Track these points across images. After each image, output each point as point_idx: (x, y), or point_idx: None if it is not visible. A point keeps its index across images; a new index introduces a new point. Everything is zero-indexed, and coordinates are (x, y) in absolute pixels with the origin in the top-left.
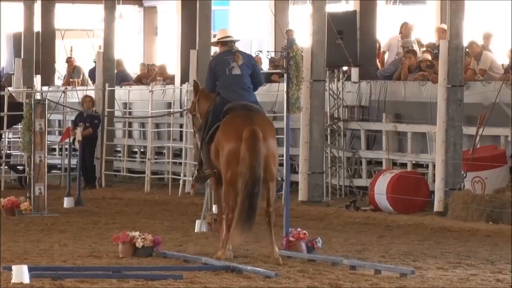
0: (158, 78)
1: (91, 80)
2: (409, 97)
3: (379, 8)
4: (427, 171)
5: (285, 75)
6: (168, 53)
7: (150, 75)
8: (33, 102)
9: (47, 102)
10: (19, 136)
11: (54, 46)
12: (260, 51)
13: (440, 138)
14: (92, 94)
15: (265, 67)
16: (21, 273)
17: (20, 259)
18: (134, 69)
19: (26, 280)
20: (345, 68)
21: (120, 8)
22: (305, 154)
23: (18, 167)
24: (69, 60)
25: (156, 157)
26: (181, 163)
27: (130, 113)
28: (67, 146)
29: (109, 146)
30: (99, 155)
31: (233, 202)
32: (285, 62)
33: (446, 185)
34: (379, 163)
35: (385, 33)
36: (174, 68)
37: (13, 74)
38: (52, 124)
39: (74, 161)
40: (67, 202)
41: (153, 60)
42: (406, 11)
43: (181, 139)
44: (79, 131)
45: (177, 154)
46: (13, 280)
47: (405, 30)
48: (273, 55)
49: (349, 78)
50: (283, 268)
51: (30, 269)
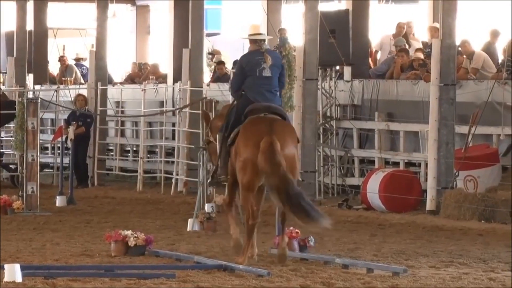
0: (150, 77)
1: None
2: (401, 96)
3: (371, 7)
4: (419, 170)
5: None
6: (160, 52)
7: (142, 74)
8: (25, 100)
9: (39, 101)
10: (11, 134)
11: (46, 45)
12: None
13: (432, 137)
14: (84, 92)
15: None
16: (13, 272)
17: (12, 258)
18: (127, 68)
19: (19, 279)
20: (337, 67)
21: (112, 7)
22: (298, 153)
23: (11, 165)
24: (61, 59)
25: (148, 156)
26: (173, 162)
27: (122, 112)
28: (59, 145)
29: (101, 145)
30: (91, 154)
31: (251, 208)
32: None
33: (438, 184)
34: (372, 162)
35: (377, 32)
36: (166, 67)
37: (5, 72)
38: (44, 123)
39: (66, 159)
40: (59, 201)
41: (145, 59)
42: (398, 10)
43: (173, 138)
44: (71, 130)
45: (170, 153)
46: (6, 279)
47: (406, 29)
48: None
49: (341, 77)
50: (276, 267)
51: (22, 268)
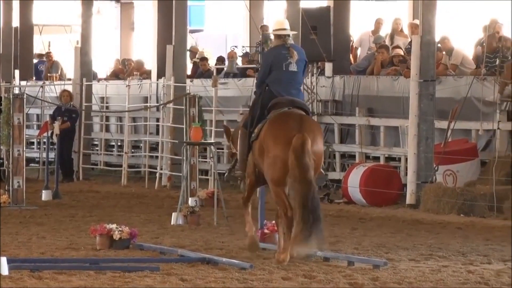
0: (135, 72)
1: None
2: (382, 92)
3: (352, 4)
4: (399, 164)
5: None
6: (144, 48)
7: (126, 70)
8: (11, 96)
9: (25, 97)
10: None
11: (32, 41)
12: (235, 46)
13: (412, 132)
14: (69, 88)
15: (240, 62)
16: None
17: None
18: (112, 64)
19: (5, 272)
20: (319, 63)
21: (97, 4)
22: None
23: None
24: (47, 55)
25: (133, 150)
26: (157, 157)
27: (107, 107)
28: (45, 140)
29: (86, 140)
30: (76, 149)
31: (287, 201)
32: (260, 57)
33: (418, 178)
34: (353, 156)
35: (358, 29)
36: (150, 63)
37: None
38: (30, 118)
39: (52, 154)
40: (45, 195)
41: (130, 55)
42: (379, 7)
43: (157, 133)
44: (57, 125)
45: (154, 148)
46: None
47: (394, 25)
48: (248, 50)
49: (323, 72)
50: (258, 259)
51: (9, 261)
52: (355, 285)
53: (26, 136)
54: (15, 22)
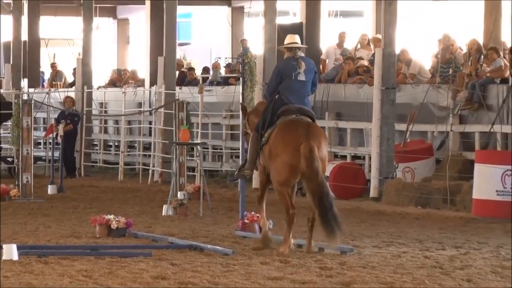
0: (130, 81)
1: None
2: (348, 98)
3: (322, 20)
4: (364, 162)
5: (240, 79)
6: (138, 59)
7: (122, 79)
8: (21, 102)
9: (33, 102)
10: (8, 131)
11: (39, 53)
12: (219, 58)
13: (375, 134)
14: (72, 95)
15: (223, 71)
16: (10, 251)
17: (9, 239)
18: (109, 73)
19: (15, 257)
20: None
21: (96, 20)
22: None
23: (8, 158)
24: (52, 66)
25: (128, 150)
26: (150, 155)
27: (105, 111)
28: (50, 141)
29: (87, 141)
30: (78, 148)
31: (289, 200)
32: (241, 67)
33: (380, 174)
34: None
35: (328, 43)
36: (144, 73)
37: (3, 77)
38: (37, 121)
39: (56, 153)
40: (50, 189)
41: (125, 65)
42: (346, 23)
43: (150, 134)
44: (61, 128)
45: (147, 147)
46: (4, 258)
47: (360, 40)
48: (230, 61)
49: None
50: (239, 246)
51: (18, 248)
52: (325, 269)
53: (34, 137)
54: (24, 36)
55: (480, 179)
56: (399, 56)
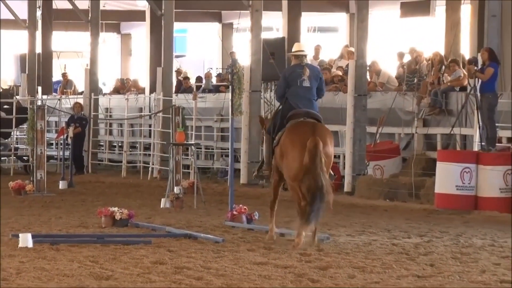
0: (132, 89)
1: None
2: (325, 104)
3: (302, 35)
4: (339, 160)
5: (230, 87)
6: (140, 70)
7: (125, 87)
8: (35, 107)
9: (46, 107)
10: (24, 133)
11: (51, 64)
12: (211, 68)
13: (349, 135)
14: (81, 101)
15: (214, 80)
16: (26, 239)
17: (25, 228)
18: (114, 82)
19: (30, 245)
20: (276, 82)
21: (103, 35)
22: (245, 147)
23: (24, 157)
24: (63, 75)
25: (130, 150)
26: (150, 155)
27: (110, 116)
28: (61, 142)
29: (94, 141)
30: (86, 148)
31: (301, 193)
32: (230, 76)
33: (353, 171)
34: None
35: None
36: (144, 81)
37: (20, 85)
38: (50, 124)
39: (67, 153)
40: (61, 185)
41: (128, 75)
42: (323, 37)
43: (150, 136)
44: (71, 130)
45: (147, 147)
46: (20, 245)
47: (343, 51)
48: (220, 71)
49: None
50: (228, 235)
51: (33, 236)
52: (304, 255)
53: (47, 138)
54: (38, 49)
55: (442, 176)
56: (370, 67)
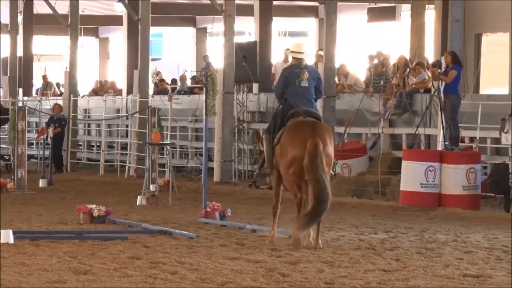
0: (110, 90)
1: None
2: None
3: (273, 39)
4: None
5: (204, 89)
6: (117, 72)
7: (103, 88)
8: (16, 108)
9: (27, 109)
10: (6, 133)
11: (32, 67)
12: (186, 71)
13: None
14: (60, 102)
15: (189, 82)
16: (7, 235)
17: (6, 225)
18: (92, 84)
19: (11, 241)
20: (248, 83)
21: (81, 39)
22: (219, 147)
23: (5, 156)
24: (43, 78)
25: (108, 149)
26: (127, 154)
27: (89, 116)
28: (42, 141)
29: (73, 141)
30: (65, 148)
31: (298, 189)
32: (204, 79)
33: None
34: None
35: (278, 58)
36: (122, 83)
37: (1, 87)
38: (30, 125)
39: (47, 152)
40: (41, 183)
41: (106, 77)
42: (293, 41)
43: (127, 136)
44: (50, 130)
45: (124, 147)
46: (1, 241)
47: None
48: (195, 73)
49: (251, 90)
50: (202, 231)
51: (14, 233)
52: (275, 250)
53: (27, 138)
54: (19, 52)
55: (407, 174)
56: (338, 70)
